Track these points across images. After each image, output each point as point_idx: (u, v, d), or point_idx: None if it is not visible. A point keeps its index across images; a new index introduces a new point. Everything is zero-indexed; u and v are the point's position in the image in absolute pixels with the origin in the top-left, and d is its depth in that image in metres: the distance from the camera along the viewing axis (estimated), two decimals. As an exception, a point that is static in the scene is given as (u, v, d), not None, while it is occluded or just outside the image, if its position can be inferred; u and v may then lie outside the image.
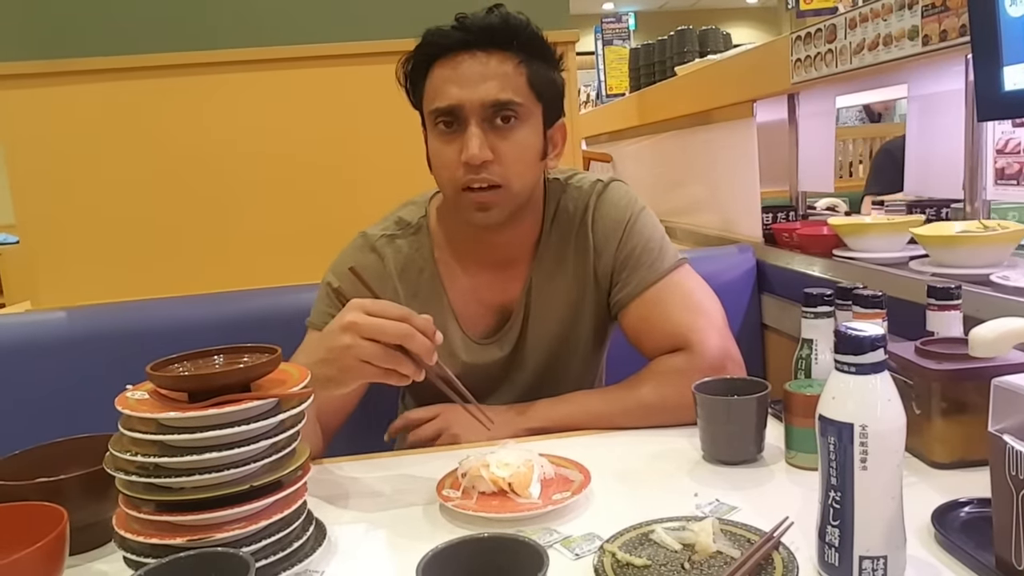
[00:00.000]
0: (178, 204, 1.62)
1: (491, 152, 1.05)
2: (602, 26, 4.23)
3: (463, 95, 1.04)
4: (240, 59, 1.59)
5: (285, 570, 0.74)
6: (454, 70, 1.06)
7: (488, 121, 1.05)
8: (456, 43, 1.06)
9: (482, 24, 1.06)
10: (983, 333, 0.76)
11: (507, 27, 1.07)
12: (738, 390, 0.97)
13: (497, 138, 1.06)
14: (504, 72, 1.06)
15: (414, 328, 0.86)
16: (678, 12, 11.13)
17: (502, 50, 1.06)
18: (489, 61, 1.06)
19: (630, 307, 1.16)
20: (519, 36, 1.07)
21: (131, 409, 0.72)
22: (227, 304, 1.45)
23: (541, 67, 1.10)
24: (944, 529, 0.72)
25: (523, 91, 1.07)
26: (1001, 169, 1.39)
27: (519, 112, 1.07)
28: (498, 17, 1.07)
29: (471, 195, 1.07)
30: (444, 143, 1.07)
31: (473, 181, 1.06)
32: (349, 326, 0.88)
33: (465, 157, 1.04)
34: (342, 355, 0.88)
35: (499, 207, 1.09)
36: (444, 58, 1.07)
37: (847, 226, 1.52)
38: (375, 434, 1.14)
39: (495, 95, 1.05)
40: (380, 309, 0.88)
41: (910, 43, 1.28)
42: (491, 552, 0.65)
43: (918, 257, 1.35)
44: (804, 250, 1.61)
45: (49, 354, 1.36)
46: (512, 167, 1.07)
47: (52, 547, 0.67)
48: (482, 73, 1.05)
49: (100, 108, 1.58)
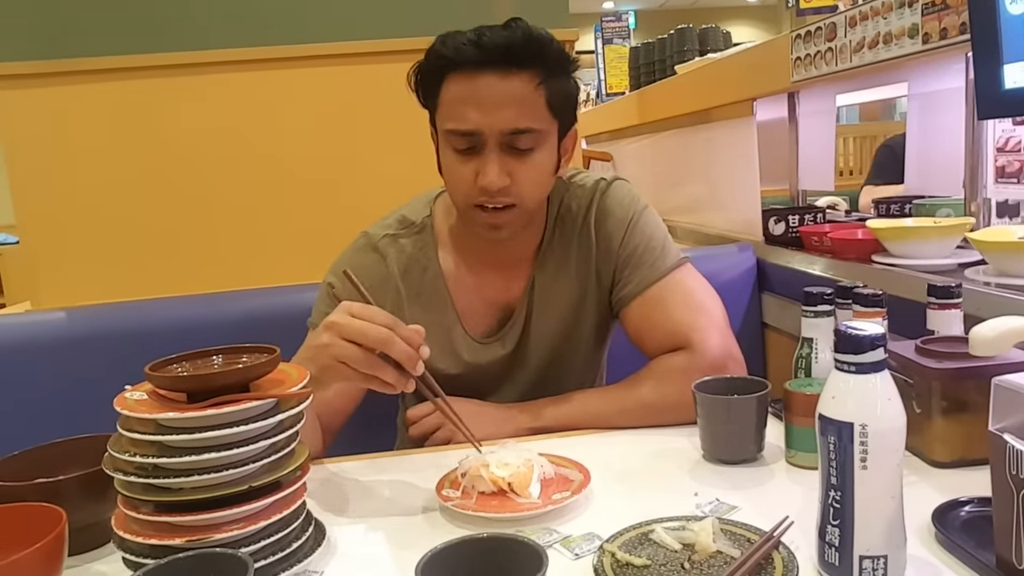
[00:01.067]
0: (178, 204, 1.62)
1: (508, 176, 1.04)
2: (602, 25, 4.23)
3: (481, 121, 1.02)
4: (240, 59, 1.59)
5: (284, 570, 0.74)
6: (471, 90, 1.02)
7: (506, 145, 1.04)
8: (473, 61, 1.01)
9: (502, 42, 1.01)
10: (983, 332, 0.76)
11: (528, 45, 1.02)
12: (738, 389, 0.97)
13: (514, 162, 1.04)
14: (524, 96, 1.02)
15: (397, 336, 0.86)
16: (678, 10, 11.12)
17: (523, 68, 1.02)
18: (508, 83, 1.01)
19: (632, 306, 1.15)
20: (541, 55, 1.03)
21: (130, 410, 0.72)
22: (226, 304, 1.45)
23: (560, 83, 1.06)
24: (944, 528, 0.72)
25: (542, 114, 1.05)
26: (1001, 167, 1.39)
27: (537, 138, 1.05)
28: (520, 34, 1.01)
29: (484, 214, 1.06)
30: (459, 161, 1.06)
31: (488, 202, 1.05)
32: (330, 326, 0.88)
33: (483, 183, 1.03)
34: (320, 354, 0.87)
35: (511, 226, 1.09)
36: (460, 71, 1.03)
37: (889, 230, 1.36)
38: (375, 434, 1.14)
39: (514, 124, 1.02)
40: (366, 313, 0.87)
41: (910, 41, 1.28)
42: (491, 552, 0.65)
43: (972, 264, 1.24)
44: (838, 255, 1.48)
45: (48, 354, 1.36)
46: (527, 188, 1.06)
47: (51, 548, 0.67)
48: (501, 97, 1.01)
49: (99, 108, 1.58)
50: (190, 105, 1.60)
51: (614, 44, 4.16)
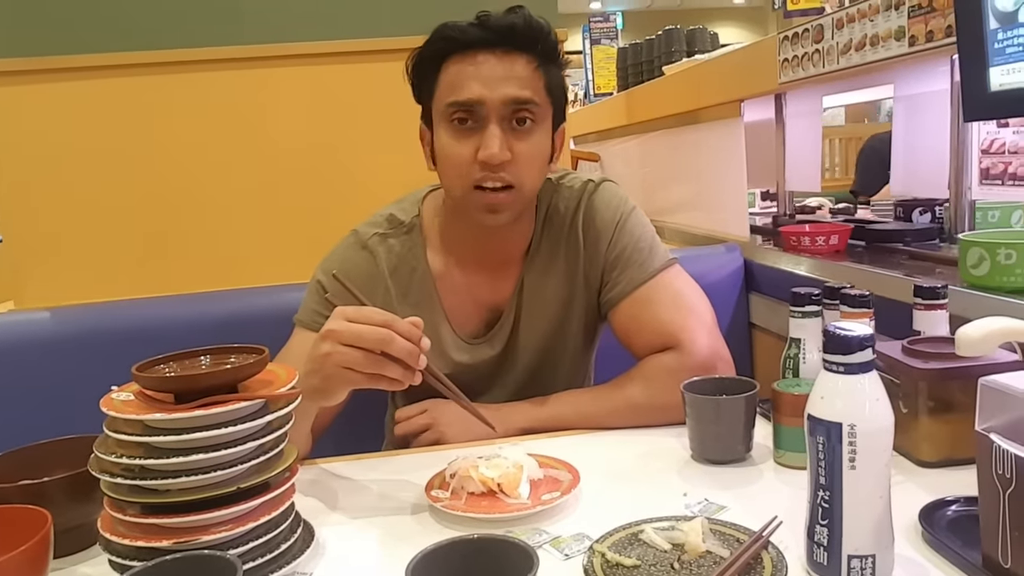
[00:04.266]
0: (164, 203, 1.61)
1: (508, 152, 1.04)
2: (590, 25, 4.24)
3: (484, 92, 1.03)
4: (228, 57, 1.58)
5: (273, 572, 0.73)
6: (474, 66, 1.04)
7: (506, 120, 1.04)
8: (476, 40, 1.04)
9: (505, 24, 1.04)
10: (969, 332, 0.76)
11: (530, 30, 1.05)
12: (726, 389, 0.97)
13: (515, 139, 1.05)
14: (525, 74, 1.05)
15: (396, 333, 0.85)
16: (665, 12, 11.17)
17: (522, 52, 1.05)
18: (510, 61, 1.04)
19: (620, 306, 1.16)
20: (541, 40, 1.06)
21: (116, 410, 0.71)
22: (214, 304, 1.44)
23: (555, 71, 1.09)
24: (931, 527, 0.73)
25: (541, 93, 1.07)
26: (986, 169, 1.40)
27: (536, 114, 1.06)
28: (521, 19, 1.05)
29: (483, 195, 1.06)
30: (457, 139, 1.06)
31: (487, 179, 1.05)
32: (328, 334, 0.87)
33: (484, 156, 1.03)
34: (323, 363, 0.87)
35: (510, 209, 1.08)
36: (461, 54, 1.05)
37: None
38: (363, 434, 1.14)
39: (517, 93, 1.04)
40: (362, 316, 0.87)
41: (897, 44, 1.29)
42: (480, 553, 0.65)
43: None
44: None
45: (33, 354, 1.35)
46: (526, 169, 1.06)
47: (36, 551, 0.67)
48: (504, 72, 1.04)
49: (85, 106, 1.56)
50: (177, 103, 1.59)
51: (602, 44, 4.17)
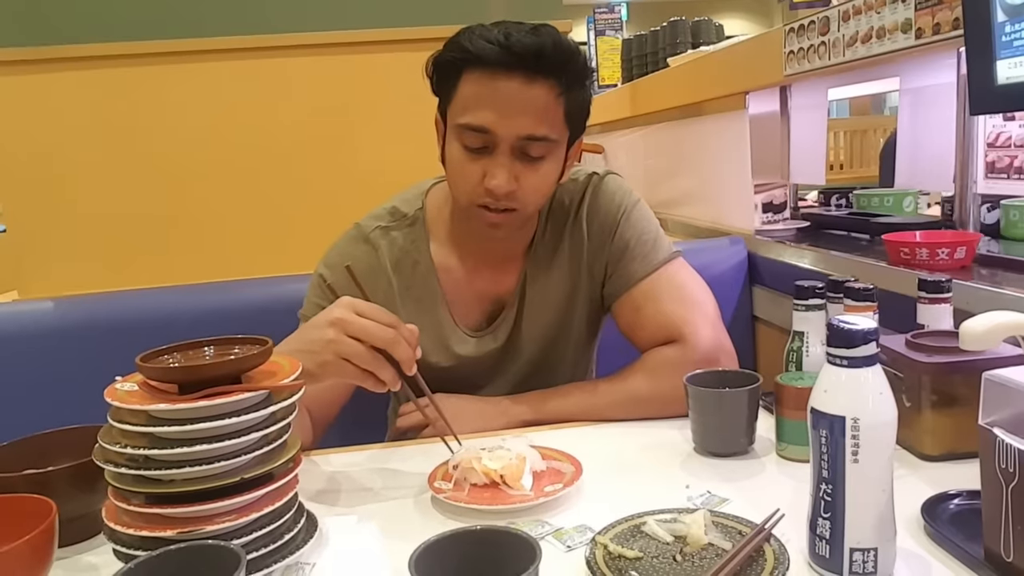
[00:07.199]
0: (166, 193, 1.61)
1: (515, 181, 1.03)
2: (595, 16, 4.23)
3: (497, 123, 1.00)
4: (229, 47, 1.58)
5: (276, 562, 0.73)
6: (491, 90, 0.99)
7: (517, 151, 1.02)
8: (498, 62, 0.99)
9: (532, 47, 0.98)
10: (973, 326, 0.76)
11: (556, 55, 0.99)
12: (729, 382, 0.97)
13: (523, 168, 1.03)
14: (543, 105, 1.01)
15: (401, 336, 0.86)
16: (670, 3, 11.06)
17: (546, 77, 1.00)
18: (530, 89, 0.99)
19: (623, 299, 1.15)
20: (566, 66, 1.01)
21: (120, 401, 0.71)
22: (218, 295, 1.44)
23: (578, 94, 1.05)
24: (934, 521, 0.73)
25: (557, 124, 1.03)
26: (992, 162, 1.39)
27: (549, 147, 1.04)
28: (549, 42, 0.99)
29: (486, 214, 1.06)
30: (467, 158, 1.04)
31: (491, 204, 1.04)
32: (336, 322, 0.87)
33: (490, 186, 1.02)
34: (323, 349, 0.87)
35: (509, 227, 1.09)
36: (482, 69, 1.00)
37: None
38: (367, 426, 1.14)
39: (531, 130, 1.01)
40: (372, 312, 0.87)
41: (903, 36, 1.28)
42: (483, 544, 0.65)
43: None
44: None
45: (36, 345, 1.35)
46: (531, 196, 1.06)
47: (41, 540, 0.67)
48: (522, 104, 0.99)
49: (87, 96, 1.56)
50: (179, 94, 1.59)
51: (607, 36, 4.16)
